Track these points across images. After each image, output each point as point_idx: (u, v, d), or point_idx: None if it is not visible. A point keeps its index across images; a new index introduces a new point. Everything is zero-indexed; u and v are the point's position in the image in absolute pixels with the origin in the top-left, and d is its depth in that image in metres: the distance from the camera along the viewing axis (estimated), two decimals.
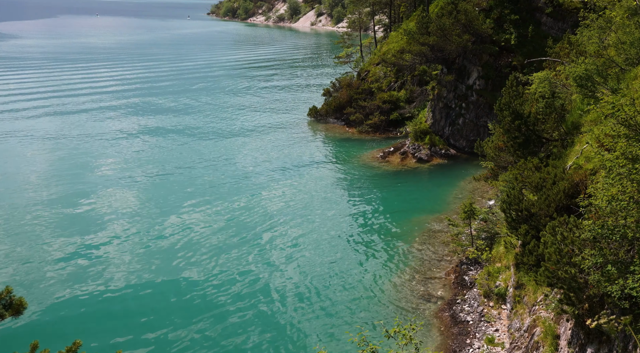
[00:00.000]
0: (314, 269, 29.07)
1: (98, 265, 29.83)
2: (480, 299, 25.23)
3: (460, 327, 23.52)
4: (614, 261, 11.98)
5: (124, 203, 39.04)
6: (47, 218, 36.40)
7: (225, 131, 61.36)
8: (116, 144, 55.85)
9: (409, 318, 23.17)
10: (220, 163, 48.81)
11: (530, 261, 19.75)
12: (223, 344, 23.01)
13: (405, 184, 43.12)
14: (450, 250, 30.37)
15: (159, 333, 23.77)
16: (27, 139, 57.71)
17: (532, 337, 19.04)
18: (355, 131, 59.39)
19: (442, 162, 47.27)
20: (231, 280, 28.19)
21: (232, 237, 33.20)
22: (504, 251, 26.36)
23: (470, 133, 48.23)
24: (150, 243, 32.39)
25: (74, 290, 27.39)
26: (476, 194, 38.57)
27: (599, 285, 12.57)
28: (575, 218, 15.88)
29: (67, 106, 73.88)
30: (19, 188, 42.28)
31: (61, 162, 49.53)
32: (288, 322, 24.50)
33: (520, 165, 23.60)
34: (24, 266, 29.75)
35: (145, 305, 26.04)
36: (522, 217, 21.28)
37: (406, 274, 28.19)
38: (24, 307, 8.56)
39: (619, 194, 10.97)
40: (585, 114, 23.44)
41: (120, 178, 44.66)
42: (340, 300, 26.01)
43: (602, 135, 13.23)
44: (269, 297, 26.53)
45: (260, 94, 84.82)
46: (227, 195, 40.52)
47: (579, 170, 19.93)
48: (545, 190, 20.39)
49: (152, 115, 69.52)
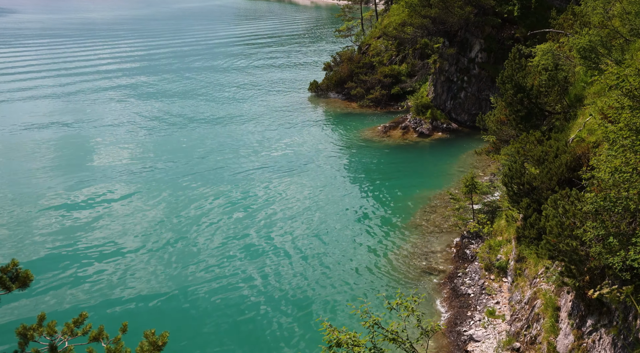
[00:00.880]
0: (316, 243, 29.20)
1: (101, 245, 30.01)
2: (481, 272, 25.38)
3: (461, 300, 23.70)
4: (616, 233, 11.98)
5: (124, 182, 39.08)
6: (47, 200, 36.51)
7: (225, 106, 61.09)
8: (114, 123, 55.70)
9: (410, 290, 23.32)
10: (220, 137, 48.69)
11: (532, 234, 19.80)
12: (228, 313, 23.24)
13: (406, 159, 43.05)
14: (451, 224, 30.44)
15: (164, 304, 24.01)
16: (24, 118, 57.53)
17: (532, 309, 19.19)
18: (357, 105, 59.08)
19: (443, 136, 47.10)
20: (233, 251, 28.34)
21: (232, 210, 33.30)
22: (505, 225, 26.42)
23: (472, 107, 47.97)
24: (152, 219, 32.51)
25: (77, 268, 27.60)
26: (478, 168, 38.53)
27: (600, 257, 12.59)
28: (577, 191, 15.87)
29: (67, 84, 73.51)
30: (18, 171, 42.31)
31: (60, 142, 49.47)
32: (290, 294, 24.70)
33: (522, 138, 23.49)
34: (27, 246, 29.95)
35: (152, 279, 26.24)
36: (523, 190, 21.27)
37: (407, 248, 28.31)
38: (30, 279, 8.61)
39: (622, 166, 10.91)
40: (589, 86, 23.24)
41: (120, 159, 44.64)
42: (342, 274, 26.18)
43: (605, 107, 13.12)
44: (271, 271, 26.70)
45: (260, 68, 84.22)
46: (227, 170, 40.51)
47: (581, 143, 19.84)
48: (547, 164, 20.33)
49: (151, 90, 69.17)
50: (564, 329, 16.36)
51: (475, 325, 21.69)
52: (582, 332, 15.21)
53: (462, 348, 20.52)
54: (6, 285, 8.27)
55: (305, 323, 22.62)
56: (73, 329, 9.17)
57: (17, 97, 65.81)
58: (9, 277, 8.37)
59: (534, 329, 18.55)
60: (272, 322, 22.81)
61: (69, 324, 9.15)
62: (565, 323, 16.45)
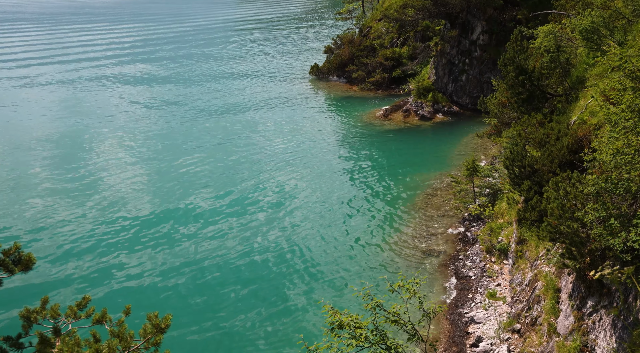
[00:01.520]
0: (316, 226, 29.27)
1: (103, 229, 30.10)
2: (482, 255, 25.47)
3: (462, 282, 23.82)
4: (617, 215, 12.00)
5: (127, 159, 39.10)
6: (48, 184, 36.56)
7: (225, 89, 60.89)
8: (111, 111, 55.58)
9: (412, 273, 23.43)
10: (219, 121, 48.61)
11: (533, 217, 19.82)
12: (229, 297, 23.38)
13: (407, 142, 42.99)
14: (453, 206, 30.48)
15: (167, 287, 24.15)
16: (21, 104, 57.42)
17: (533, 291, 19.28)
18: (358, 89, 58.87)
19: (444, 119, 46.97)
20: (233, 235, 28.44)
21: (232, 194, 33.35)
22: (506, 207, 26.45)
23: (474, 89, 47.76)
24: (153, 203, 32.58)
25: (81, 249, 27.72)
26: (479, 151, 38.47)
27: (601, 239, 12.62)
28: (578, 173, 15.84)
29: (66, 69, 73.24)
30: (16, 158, 42.33)
31: (58, 130, 49.44)
32: (293, 277, 24.82)
33: (524, 121, 23.40)
34: (30, 226, 30.06)
35: (154, 262, 26.35)
36: (525, 173, 21.24)
37: (409, 231, 28.38)
38: (33, 262, 8.65)
39: (624, 148, 10.89)
40: (591, 68, 23.11)
41: (120, 142, 44.60)
42: (344, 257, 26.28)
43: (607, 89, 13.05)
44: (271, 254, 26.80)
45: (260, 51, 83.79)
46: (226, 153, 40.50)
47: (583, 125, 19.77)
48: (548, 146, 20.28)
49: (150, 76, 68.89)
50: (565, 310, 16.45)
51: (476, 307, 21.82)
52: (583, 313, 15.29)
53: (463, 330, 20.66)
54: (9, 268, 8.31)
55: (307, 306, 22.75)
56: (76, 312, 9.24)
57: (14, 84, 65.62)
58: (11, 260, 8.40)
59: (534, 311, 18.66)
60: (274, 305, 22.94)
61: (72, 307, 9.21)
62: (565, 305, 16.53)
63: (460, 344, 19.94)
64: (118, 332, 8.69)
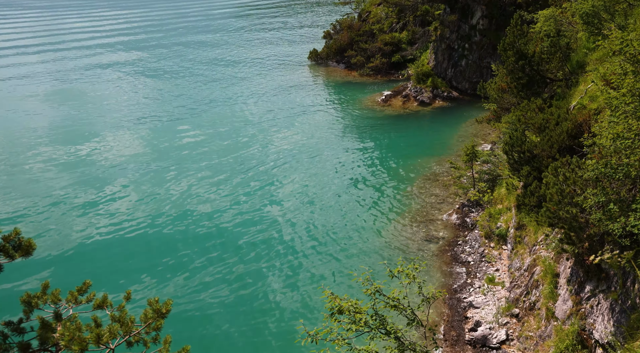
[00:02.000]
0: (316, 212, 29.31)
1: (106, 207, 30.13)
2: (481, 240, 25.54)
3: (461, 267, 23.89)
4: (616, 200, 12.00)
5: (127, 147, 39.04)
6: (48, 171, 36.52)
7: (224, 75, 60.63)
8: (109, 96, 55.38)
9: (411, 258, 23.49)
10: (219, 107, 48.47)
11: (532, 202, 19.85)
12: (229, 282, 23.46)
13: (407, 127, 42.92)
14: (452, 192, 30.50)
15: (168, 273, 24.23)
16: (19, 93, 57.18)
17: (532, 276, 19.36)
18: (357, 74, 58.64)
19: (444, 104, 46.85)
20: (233, 221, 28.48)
21: (231, 179, 33.35)
22: (505, 193, 26.47)
23: (473, 75, 47.59)
24: (152, 190, 32.57)
25: (82, 233, 27.75)
26: (478, 137, 38.43)
27: (600, 224, 12.64)
28: (577, 158, 15.84)
29: (61, 58, 72.83)
30: (19, 135, 42.23)
31: (57, 115, 49.27)
32: (292, 263, 24.89)
33: (524, 106, 23.34)
34: (30, 209, 30.07)
35: (155, 245, 26.41)
36: (524, 158, 21.23)
37: (408, 217, 28.43)
38: (33, 248, 8.66)
39: (624, 132, 10.86)
40: (591, 52, 23.00)
41: (122, 121, 44.49)
42: (343, 242, 26.34)
43: (608, 73, 13.00)
44: (271, 240, 26.85)
45: (259, 36, 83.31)
46: (225, 139, 40.42)
47: (582, 110, 19.72)
48: (548, 131, 20.25)
49: (148, 62, 68.53)
50: (563, 295, 16.53)
51: (475, 292, 21.92)
52: (581, 297, 15.37)
53: (462, 315, 20.78)
54: (9, 253, 8.32)
55: (307, 291, 22.84)
56: (77, 297, 9.27)
57: (11, 73, 65.30)
58: (11, 245, 8.41)
59: (533, 295, 18.75)
60: (273, 291, 23.03)
61: (73, 292, 9.24)
62: (564, 290, 16.61)
63: (459, 328, 20.07)
64: (119, 316, 8.72)
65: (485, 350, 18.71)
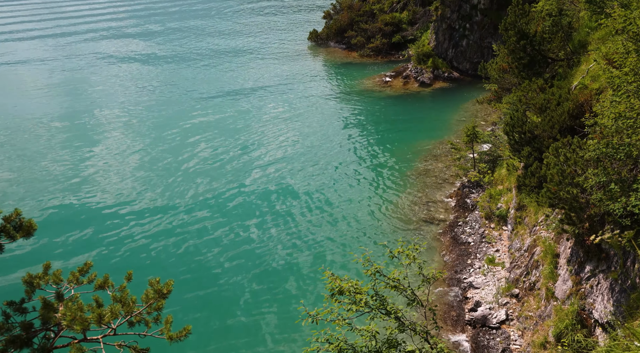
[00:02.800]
0: (316, 194, 29.31)
1: (103, 196, 30.14)
2: (481, 221, 25.57)
3: (461, 248, 23.96)
4: (617, 180, 11.98)
5: (122, 134, 38.95)
6: (47, 152, 36.48)
7: (224, 56, 60.26)
8: (109, 84, 55.10)
9: (411, 239, 23.56)
10: (218, 86, 48.23)
11: (532, 183, 19.82)
12: (230, 263, 23.55)
13: (407, 109, 42.75)
14: (452, 173, 30.47)
15: (169, 253, 24.31)
16: (19, 64, 56.89)
17: (532, 256, 19.41)
18: (357, 55, 58.27)
19: (445, 85, 46.62)
20: (233, 202, 28.50)
21: (232, 160, 33.30)
22: (506, 174, 26.45)
23: (474, 55, 47.28)
24: (152, 170, 32.55)
25: (81, 218, 27.82)
26: (479, 117, 38.29)
27: (600, 204, 12.63)
28: (579, 139, 15.77)
29: (59, 44, 72.28)
30: (15, 126, 42.14)
31: (58, 88, 49.06)
32: (292, 244, 24.96)
33: (525, 86, 23.20)
34: (30, 190, 30.10)
35: (156, 228, 26.45)
36: (525, 139, 21.17)
37: (408, 197, 28.43)
38: (34, 228, 8.65)
39: (626, 111, 10.79)
40: (593, 31, 22.80)
41: (119, 100, 44.35)
42: (343, 224, 26.38)
43: (610, 53, 12.89)
44: (272, 221, 26.88)
45: (258, 17, 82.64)
46: (225, 120, 40.29)
47: (584, 90, 19.60)
48: (549, 112, 20.15)
49: (148, 40, 68.08)
50: (563, 275, 16.59)
51: (475, 273, 22.01)
52: (581, 277, 15.42)
53: (462, 295, 20.88)
54: (10, 234, 8.32)
55: (308, 272, 22.93)
56: (78, 278, 9.29)
57: (12, 56, 64.90)
58: (12, 226, 8.40)
59: (532, 276, 18.82)
60: (275, 271, 23.12)
61: (74, 273, 9.26)
62: (564, 270, 16.66)
63: (459, 309, 20.18)
64: (120, 297, 8.75)
65: (485, 330, 18.84)
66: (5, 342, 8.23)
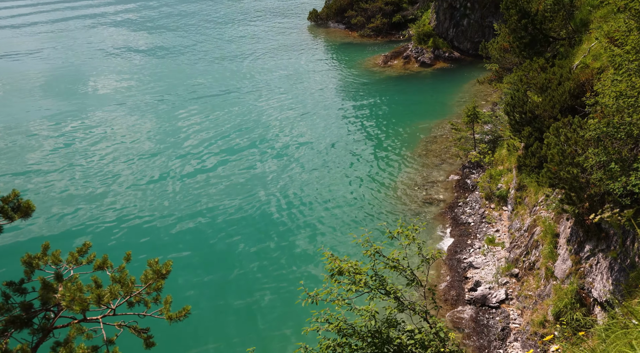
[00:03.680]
0: (315, 174, 29.28)
1: (102, 176, 30.11)
2: (481, 201, 25.57)
3: (461, 228, 24.00)
4: (617, 159, 11.93)
5: (120, 109, 38.82)
6: (45, 129, 36.38)
7: (222, 35, 59.83)
8: (111, 55, 54.76)
9: (411, 220, 23.57)
10: (218, 68, 47.97)
11: (533, 163, 19.79)
12: (229, 243, 23.63)
13: (407, 89, 42.53)
14: (452, 154, 30.40)
15: (170, 236, 24.37)
16: (16, 45, 56.52)
17: (531, 236, 19.44)
18: (357, 35, 57.84)
19: (445, 65, 46.32)
20: (231, 183, 28.50)
21: (233, 140, 33.23)
22: (506, 154, 26.38)
23: (475, 34, 46.89)
24: (151, 147, 32.50)
25: (79, 198, 27.83)
26: (480, 98, 38.10)
27: (601, 184, 12.60)
28: (579, 118, 15.69)
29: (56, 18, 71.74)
30: (12, 100, 41.95)
31: (52, 69, 48.81)
32: (292, 224, 24.99)
33: (526, 66, 23.03)
34: (27, 177, 30.09)
35: (156, 208, 26.49)
36: (525, 119, 21.08)
37: (408, 178, 28.41)
38: (32, 209, 8.64)
39: (628, 90, 10.70)
40: (595, 10, 22.57)
41: (115, 86, 44.13)
42: (344, 204, 26.39)
43: (612, 31, 12.75)
44: (270, 202, 26.88)
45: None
46: (225, 100, 40.12)
47: (585, 70, 19.46)
48: (550, 91, 20.03)
49: (145, 23, 67.56)
50: (562, 255, 16.62)
51: (475, 253, 22.06)
52: (580, 257, 15.45)
53: (462, 275, 20.95)
54: (8, 215, 8.31)
55: (307, 253, 23.00)
56: (77, 258, 9.30)
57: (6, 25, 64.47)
58: (10, 207, 8.39)
59: (532, 255, 18.87)
60: (273, 252, 23.18)
61: (73, 253, 9.27)
62: (563, 249, 16.69)
63: (459, 289, 20.26)
64: (119, 277, 8.77)
65: (485, 309, 18.94)
66: (5, 322, 8.27)
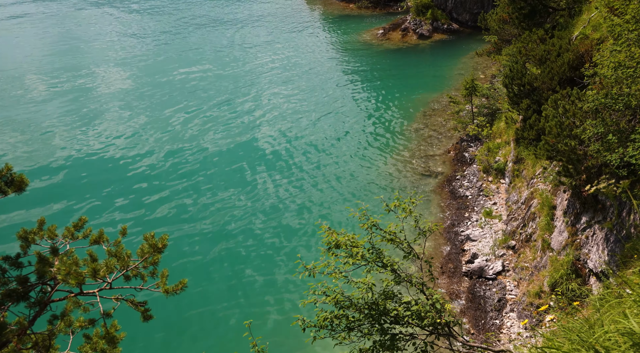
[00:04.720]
0: (313, 148, 29.20)
1: (97, 150, 30.03)
2: (479, 175, 25.56)
3: (459, 201, 24.03)
4: (615, 130, 11.86)
5: (117, 79, 38.53)
6: (43, 108, 36.16)
7: (218, 6, 59.10)
8: (103, 24, 54.14)
9: (408, 193, 23.59)
10: (213, 39, 47.47)
11: (531, 135, 19.70)
12: (226, 219, 23.67)
13: (405, 62, 42.17)
14: (450, 127, 30.29)
15: (168, 211, 24.41)
16: (15, 31, 55.88)
17: (529, 209, 19.48)
18: (355, 7, 57.15)
19: (444, 37, 45.88)
20: (229, 158, 28.43)
21: (230, 118, 33.08)
22: (504, 127, 26.29)
23: (474, 5, 46.34)
24: (148, 123, 32.35)
25: (74, 173, 27.79)
26: (478, 70, 37.81)
27: (598, 155, 12.55)
28: (578, 90, 15.57)
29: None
30: (11, 82, 41.60)
31: (55, 51, 48.31)
32: (289, 198, 25.01)
33: (525, 37, 22.76)
34: (23, 151, 29.99)
35: (153, 183, 26.47)
36: (524, 91, 20.92)
37: (406, 152, 28.35)
38: (26, 183, 8.58)
39: (626, 60, 10.58)
40: None
41: (114, 56, 43.74)
42: (341, 178, 26.37)
43: (612, 0, 12.56)
44: (269, 176, 26.86)
45: None
46: (222, 76, 39.82)
47: (585, 41, 19.25)
48: (549, 63, 19.83)
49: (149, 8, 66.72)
50: (559, 227, 16.67)
51: (472, 226, 22.13)
52: (577, 228, 15.50)
53: (459, 248, 21.05)
54: (1, 189, 8.26)
55: (304, 227, 23.06)
56: (73, 233, 9.28)
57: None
58: (4, 181, 8.33)
59: (529, 228, 18.93)
60: (271, 226, 23.24)
61: (69, 228, 9.25)
62: (560, 221, 16.74)
63: (456, 261, 20.38)
64: (115, 251, 8.77)
65: (482, 281, 19.07)
66: (2, 295, 8.29)
